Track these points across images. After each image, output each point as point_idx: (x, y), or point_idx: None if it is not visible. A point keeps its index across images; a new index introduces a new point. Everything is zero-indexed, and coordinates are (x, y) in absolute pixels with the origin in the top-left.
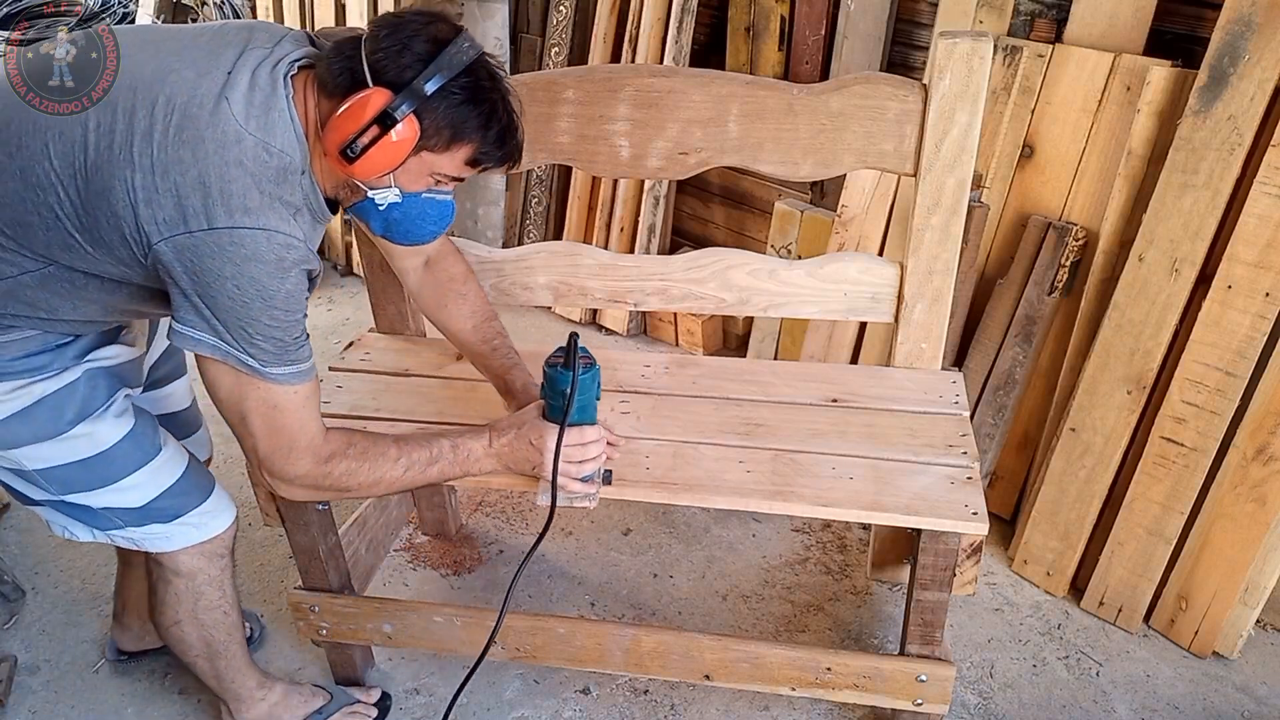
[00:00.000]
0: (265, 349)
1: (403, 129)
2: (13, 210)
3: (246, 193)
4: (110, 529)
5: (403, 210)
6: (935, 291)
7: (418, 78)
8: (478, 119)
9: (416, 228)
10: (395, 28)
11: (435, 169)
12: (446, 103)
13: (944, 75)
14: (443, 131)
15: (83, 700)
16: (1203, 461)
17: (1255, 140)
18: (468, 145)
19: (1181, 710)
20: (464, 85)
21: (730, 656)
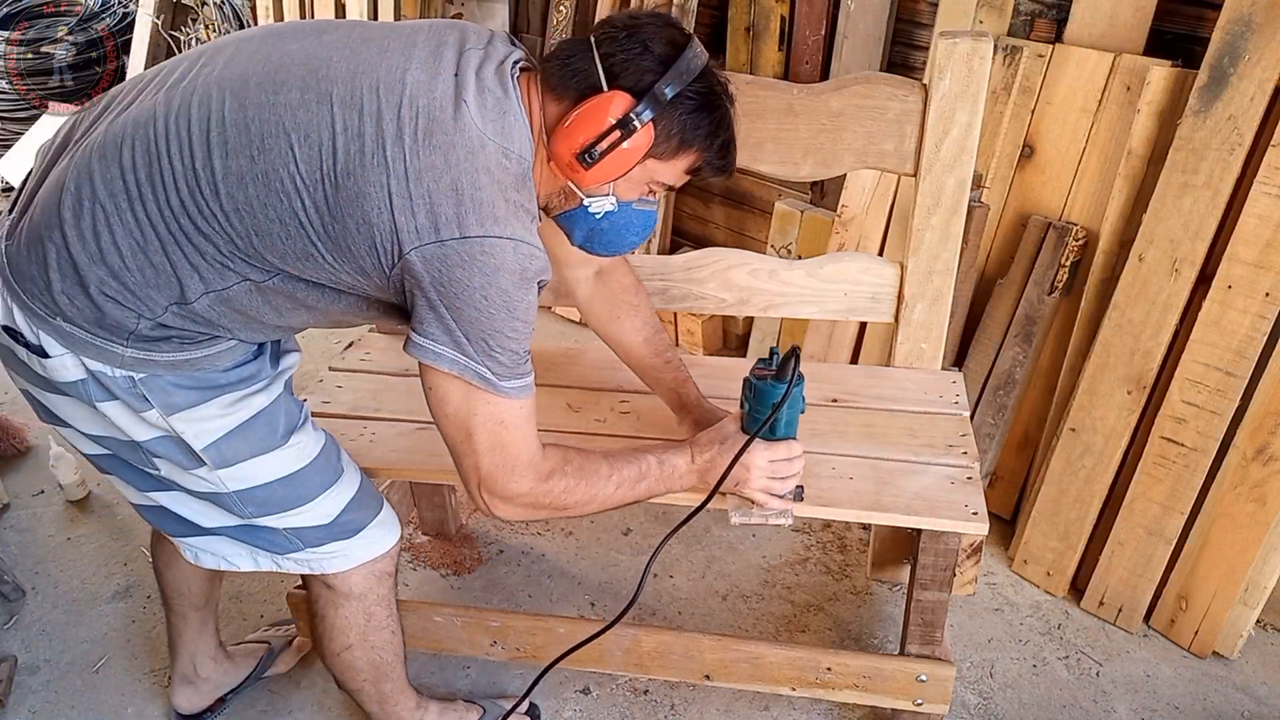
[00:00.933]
0: (502, 361)
1: (639, 136)
2: (254, 218)
3: (495, 201)
4: (289, 552)
5: (611, 220)
6: (935, 291)
7: (658, 82)
8: (707, 127)
9: (620, 238)
10: (632, 30)
11: (655, 177)
12: (681, 110)
13: (944, 75)
14: (672, 139)
15: (83, 700)
16: (1203, 461)
17: (1255, 140)
18: (693, 154)
19: (1181, 710)
20: (698, 91)
21: (730, 656)
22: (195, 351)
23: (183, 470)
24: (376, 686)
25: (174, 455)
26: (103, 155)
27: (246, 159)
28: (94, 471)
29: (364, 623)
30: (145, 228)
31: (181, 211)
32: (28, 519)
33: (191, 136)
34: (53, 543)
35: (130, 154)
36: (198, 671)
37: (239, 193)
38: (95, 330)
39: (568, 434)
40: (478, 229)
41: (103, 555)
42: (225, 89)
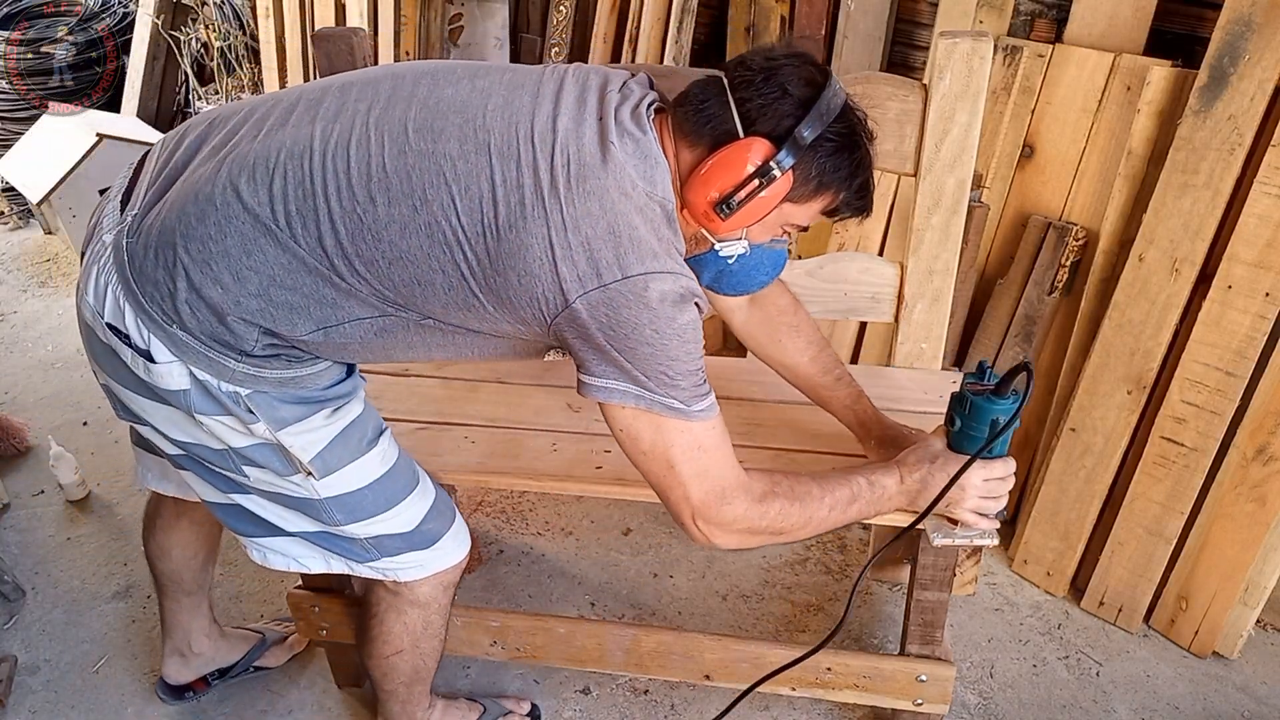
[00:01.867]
0: (684, 387)
1: (779, 183)
2: (416, 268)
3: (649, 239)
4: (366, 560)
5: (741, 263)
6: (935, 291)
7: (797, 127)
8: (847, 169)
9: (750, 279)
10: (770, 72)
11: (790, 220)
12: (820, 152)
13: (944, 75)
14: (810, 182)
15: (83, 700)
16: (1203, 461)
17: (1255, 140)
18: (829, 195)
19: (1181, 710)
20: (837, 133)
21: (730, 656)
22: (300, 370)
23: (277, 477)
24: (409, 689)
25: (272, 463)
26: (251, 176)
27: (409, 209)
28: (94, 471)
29: (420, 630)
30: (292, 259)
31: (337, 251)
32: (28, 519)
33: (352, 178)
34: (53, 543)
35: (283, 183)
36: (191, 647)
37: (402, 242)
38: (211, 343)
39: (567, 434)
40: (639, 267)
41: (103, 555)
42: (384, 132)
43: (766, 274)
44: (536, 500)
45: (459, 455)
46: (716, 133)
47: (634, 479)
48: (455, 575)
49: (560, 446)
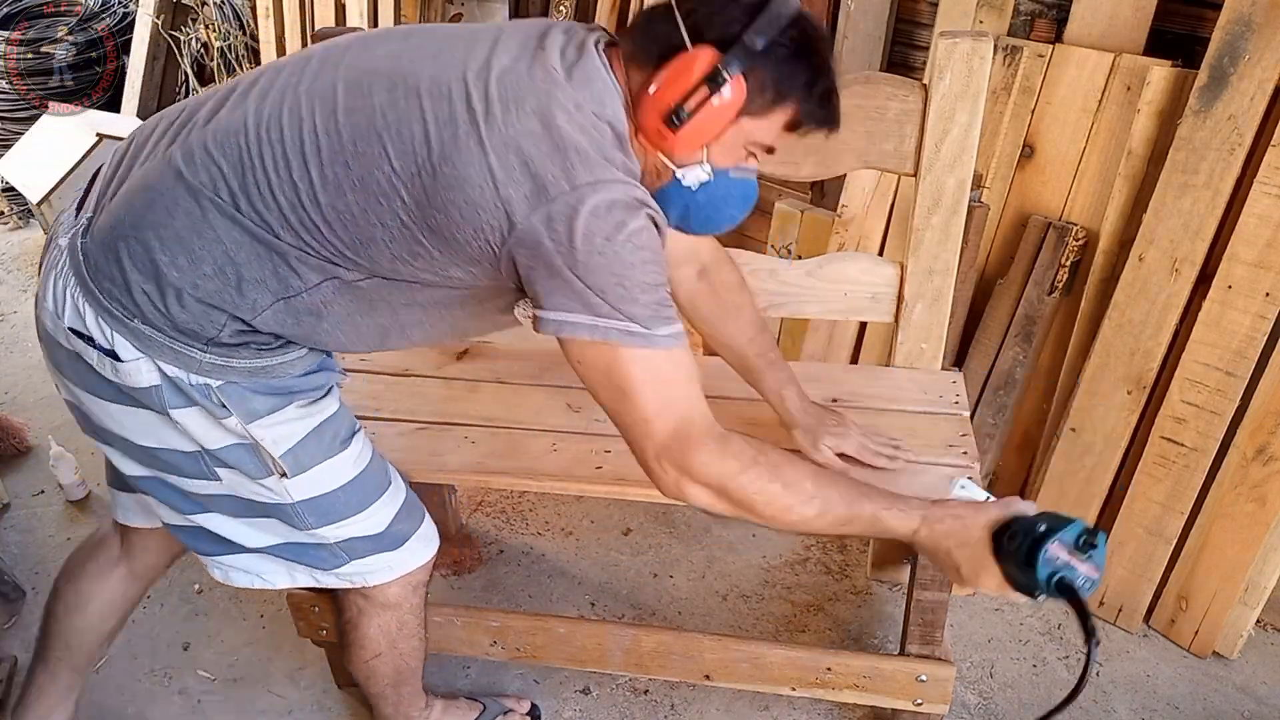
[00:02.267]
0: (644, 303)
1: (730, 90)
2: (356, 226)
3: (594, 155)
4: (333, 567)
5: (707, 192)
6: (935, 291)
7: (745, 32)
8: (804, 75)
9: (718, 212)
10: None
11: (751, 138)
12: (773, 58)
13: (944, 75)
14: (766, 92)
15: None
16: (1203, 461)
17: (1255, 140)
18: (790, 106)
19: (1181, 710)
20: (791, 39)
21: (730, 656)
22: (270, 358)
23: (248, 480)
24: (396, 690)
25: (245, 464)
26: (191, 160)
27: (342, 167)
28: (94, 471)
29: (395, 631)
30: (241, 233)
31: (281, 221)
32: (28, 519)
33: (286, 147)
34: (53, 543)
35: (223, 162)
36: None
37: (339, 202)
38: (174, 334)
39: (567, 434)
40: (586, 176)
41: None
42: (315, 98)
43: (736, 207)
44: (536, 500)
45: (459, 455)
46: (664, 48)
47: (634, 479)
48: (424, 575)
49: (560, 446)
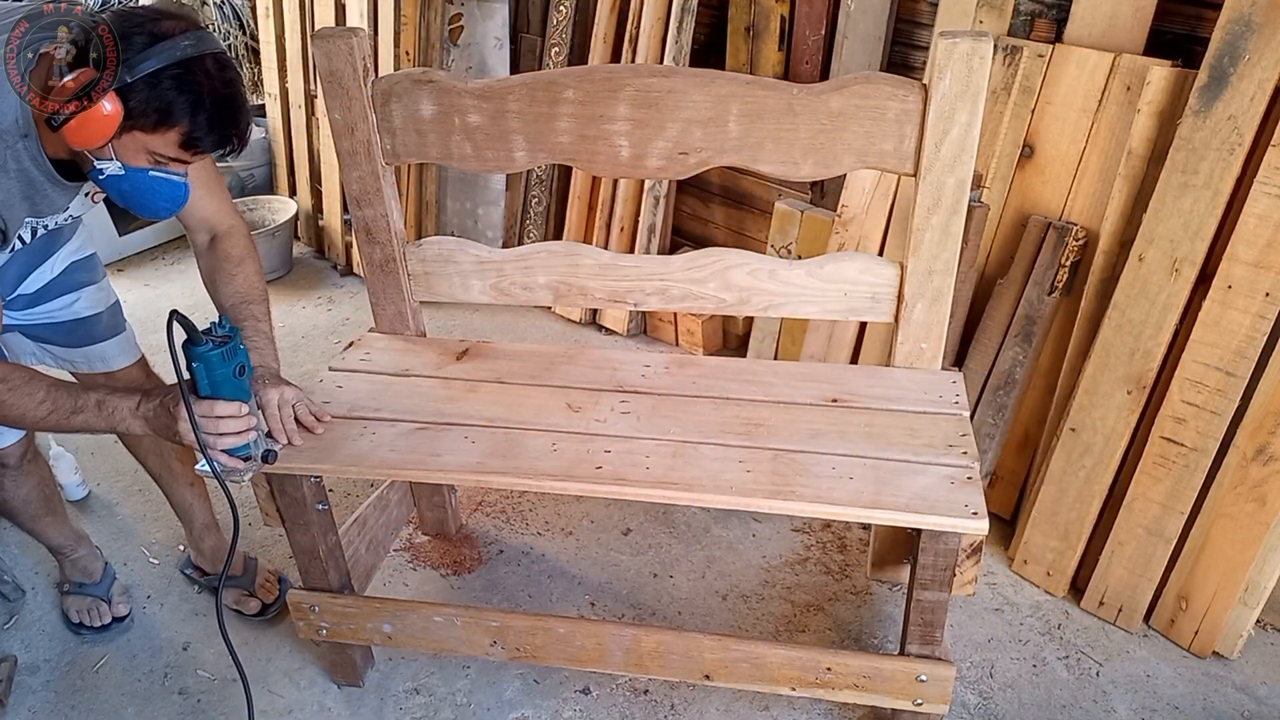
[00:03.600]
0: None
1: (109, 106)
2: None
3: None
4: None
5: (131, 184)
6: (935, 291)
7: (125, 63)
8: (186, 105)
9: (148, 202)
10: (120, 19)
11: (150, 148)
12: (156, 89)
13: (944, 75)
14: (150, 114)
15: (83, 700)
16: (1203, 461)
17: (1255, 140)
18: (177, 129)
19: (1181, 710)
20: (175, 75)
21: (730, 656)
22: None
23: None
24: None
25: None
26: None
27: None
28: (94, 471)
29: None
30: None
31: None
32: None
33: None
34: None
35: None
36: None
37: None
38: None
39: (567, 434)
40: None
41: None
42: None
43: (166, 201)
44: (536, 500)
45: (459, 455)
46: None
47: (634, 479)
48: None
49: (560, 446)
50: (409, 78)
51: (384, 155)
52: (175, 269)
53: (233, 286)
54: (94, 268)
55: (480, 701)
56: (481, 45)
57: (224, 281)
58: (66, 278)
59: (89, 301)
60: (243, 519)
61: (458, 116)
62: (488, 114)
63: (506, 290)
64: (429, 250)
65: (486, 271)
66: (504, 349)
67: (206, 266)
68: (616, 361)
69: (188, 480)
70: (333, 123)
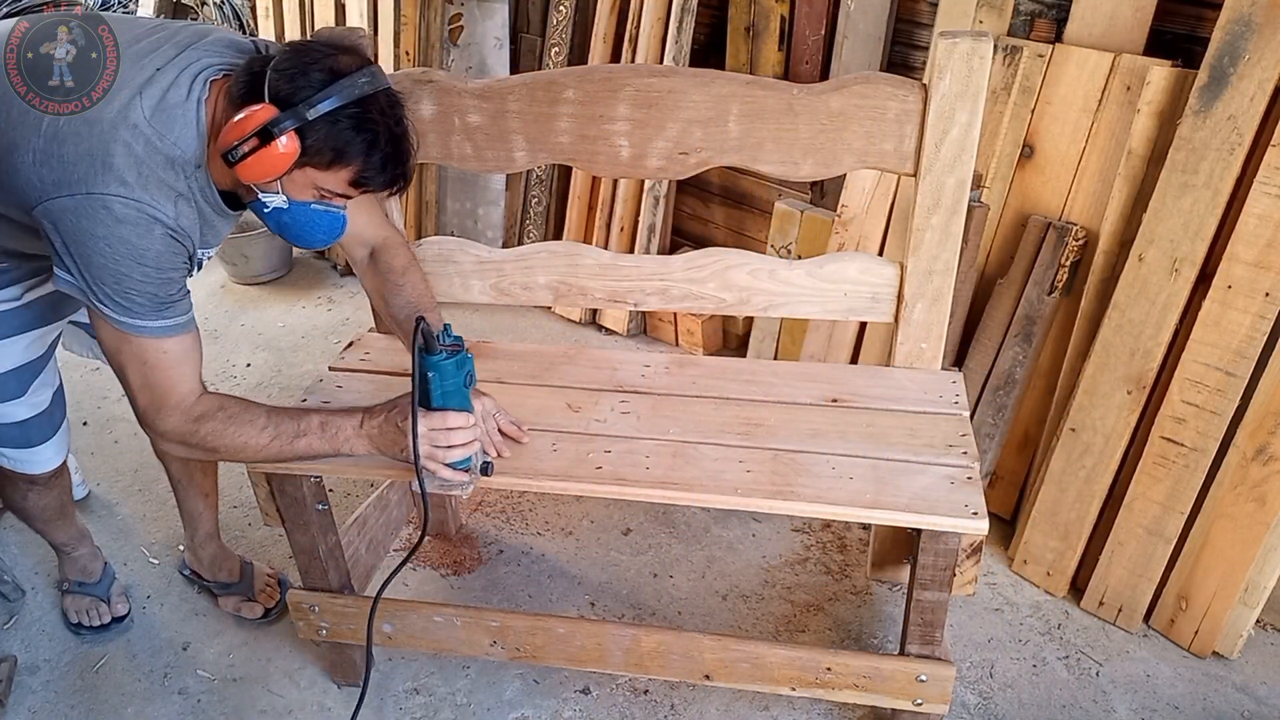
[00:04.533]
0: (140, 303)
1: (286, 143)
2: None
3: (125, 172)
4: None
5: (292, 216)
6: (935, 291)
7: (304, 101)
8: (361, 145)
9: (306, 234)
10: (298, 53)
11: (319, 184)
12: (334, 127)
13: (944, 75)
14: (325, 152)
15: (83, 700)
16: (1203, 461)
17: (1255, 140)
18: (350, 168)
19: (1181, 710)
20: (352, 114)
21: (730, 656)
22: None
23: None
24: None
25: None
26: None
27: None
28: (94, 471)
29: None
30: None
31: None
32: None
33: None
34: None
35: None
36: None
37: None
38: None
39: (567, 434)
40: (102, 189)
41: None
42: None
43: (323, 233)
44: (536, 500)
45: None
46: (246, 96)
47: (634, 479)
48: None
49: (560, 446)
50: (409, 78)
51: None
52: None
53: (403, 297)
54: None
55: (480, 701)
56: (481, 45)
57: (393, 294)
58: None
59: None
60: (243, 519)
61: (458, 116)
62: (488, 114)
63: (506, 290)
64: (429, 250)
65: (486, 271)
66: (504, 349)
67: (372, 283)
68: (616, 361)
69: (203, 492)
70: None
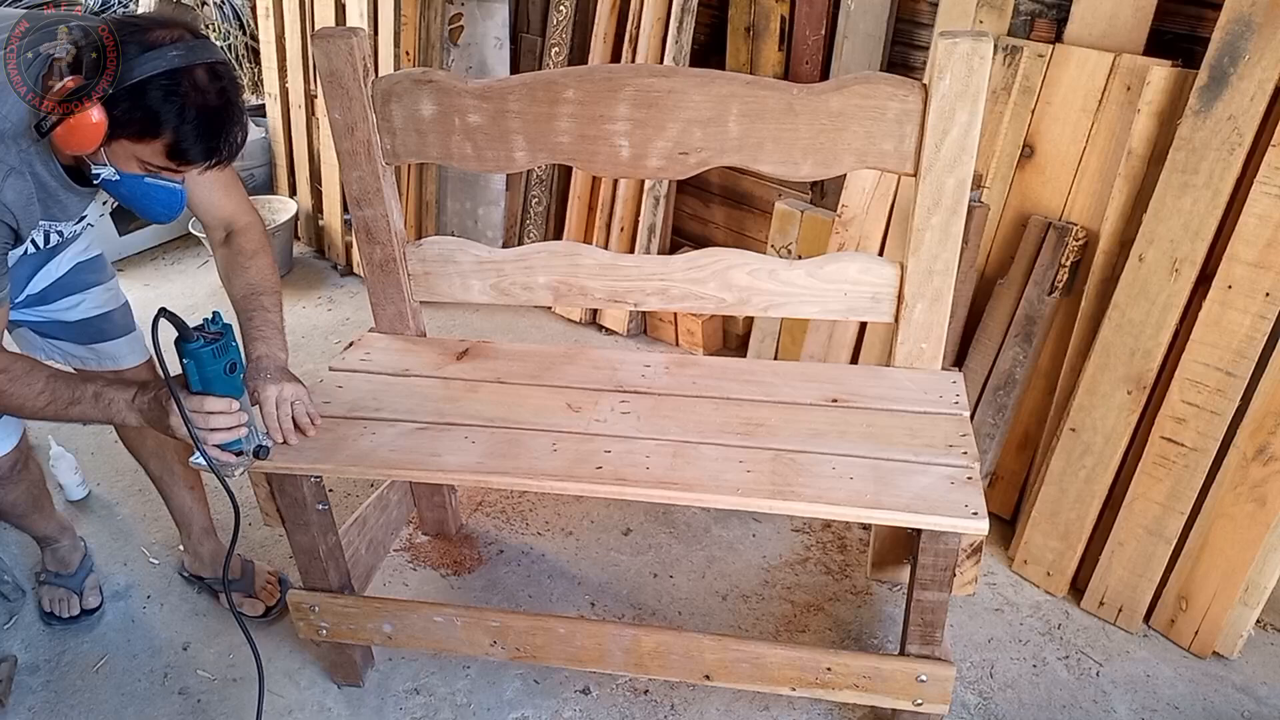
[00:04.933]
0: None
1: (96, 114)
2: None
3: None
4: None
5: (128, 189)
6: (935, 291)
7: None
8: (172, 115)
9: (144, 208)
10: (117, 27)
11: (139, 156)
12: (141, 99)
13: (944, 75)
14: (134, 124)
15: (83, 700)
16: (1203, 461)
17: (1255, 140)
18: (160, 140)
19: (1181, 710)
20: (162, 86)
21: (730, 656)
22: None
23: None
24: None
25: None
26: None
27: None
28: (94, 471)
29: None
30: None
31: None
32: None
33: None
34: None
35: None
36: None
37: None
38: None
39: (567, 434)
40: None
41: (103, 555)
42: None
43: (163, 207)
44: (536, 500)
45: (459, 455)
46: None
47: (634, 479)
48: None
49: (560, 446)
50: (409, 78)
51: (384, 155)
52: (175, 269)
53: (244, 278)
54: (101, 268)
55: (480, 701)
56: (481, 45)
57: (236, 274)
58: (72, 278)
59: (96, 302)
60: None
61: (458, 116)
62: (488, 114)
63: (506, 290)
64: (429, 250)
65: (486, 271)
66: (504, 349)
67: (222, 262)
68: (616, 361)
69: (188, 484)
70: (333, 123)
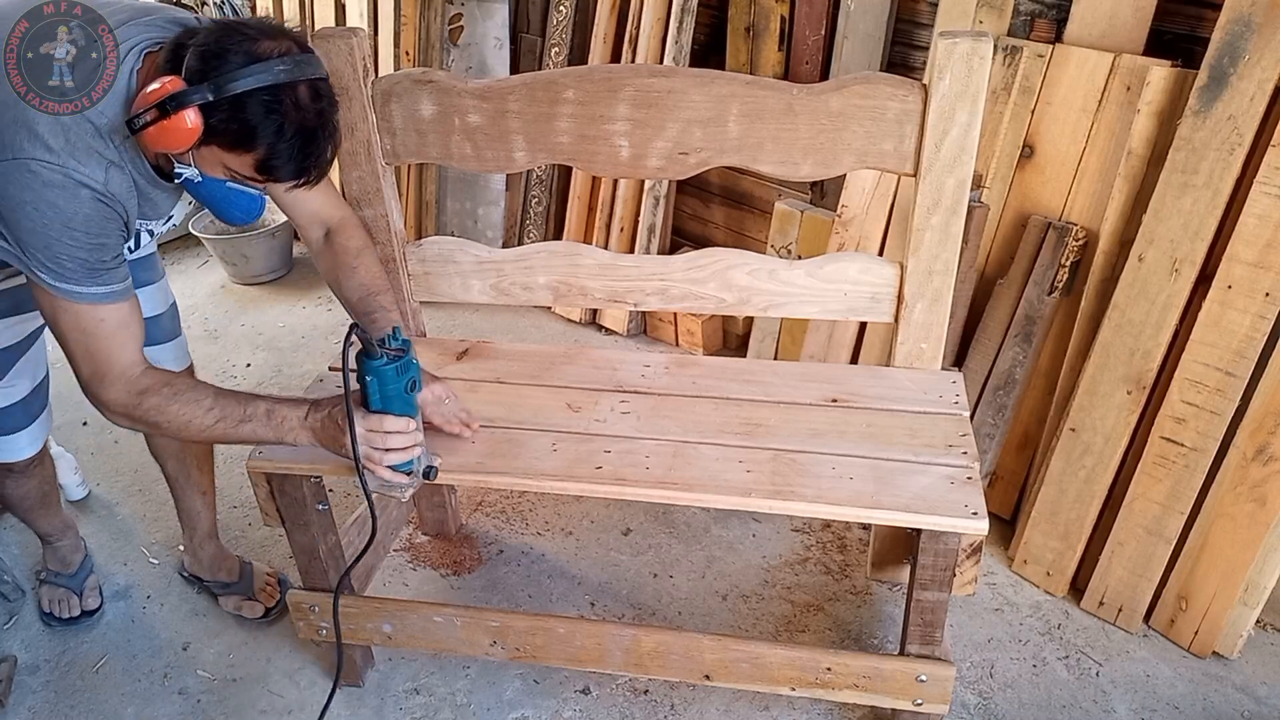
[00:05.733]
0: (71, 268)
1: (191, 117)
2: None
3: (53, 135)
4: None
5: (209, 191)
6: (935, 291)
7: (214, 80)
8: (269, 132)
9: (223, 210)
10: (223, 32)
11: (226, 164)
12: (241, 110)
13: (944, 75)
14: (229, 133)
15: (83, 700)
16: (1203, 461)
17: (1255, 140)
18: (254, 153)
19: (1181, 710)
20: (263, 100)
21: (730, 656)
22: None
23: None
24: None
25: None
26: None
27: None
28: (94, 471)
29: None
30: None
31: None
32: None
33: None
34: None
35: None
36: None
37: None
38: None
39: (567, 434)
40: (28, 153)
41: (103, 555)
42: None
43: (240, 212)
44: (536, 500)
45: (459, 455)
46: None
47: (634, 479)
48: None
49: (560, 446)
50: (409, 78)
51: (384, 155)
52: (175, 269)
53: (356, 279)
54: (154, 266)
55: (480, 701)
56: (481, 45)
57: (346, 276)
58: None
59: (150, 302)
60: (243, 519)
61: (458, 117)
62: (488, 114)
63: (506, 290)
64: (429, 250)
65: (486, 271)
66: (504, 349)
67: (326, 264)
68: (616, 361)
69: (200, 489)
70: None
